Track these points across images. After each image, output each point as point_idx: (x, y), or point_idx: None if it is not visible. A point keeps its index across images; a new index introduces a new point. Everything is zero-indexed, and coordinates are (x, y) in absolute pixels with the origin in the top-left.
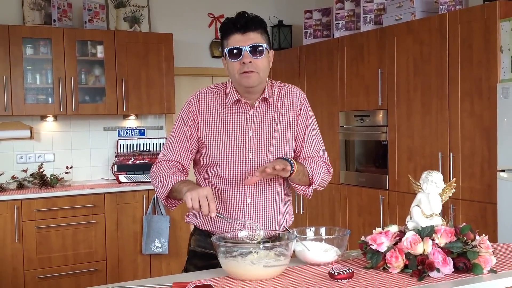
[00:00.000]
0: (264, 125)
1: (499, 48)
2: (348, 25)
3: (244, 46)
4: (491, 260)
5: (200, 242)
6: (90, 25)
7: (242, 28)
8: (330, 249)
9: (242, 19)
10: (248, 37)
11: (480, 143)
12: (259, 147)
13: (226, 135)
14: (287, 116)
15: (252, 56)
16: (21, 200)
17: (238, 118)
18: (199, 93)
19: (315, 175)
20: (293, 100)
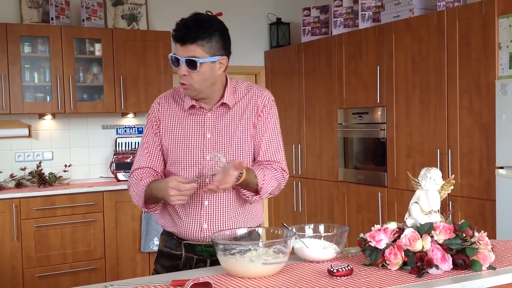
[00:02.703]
0: (222, 127)
1: (498, 45)
2: (346, 22)
3: (182, 58)
4: (490, 256)
5: (166, 242)
6: (88, 23)
7: (180, 40)
8: (329, 246)
9: (181, 30)
10: (187, 48)
11: (478, 140)
12: (217, 148)
13: (184, 138)
14: (249, 118)
15: (188, 69)
16: (19, 198)
17: (196, 121)
18: (160, 97)
19: (263, 189)
20: (258, 102)
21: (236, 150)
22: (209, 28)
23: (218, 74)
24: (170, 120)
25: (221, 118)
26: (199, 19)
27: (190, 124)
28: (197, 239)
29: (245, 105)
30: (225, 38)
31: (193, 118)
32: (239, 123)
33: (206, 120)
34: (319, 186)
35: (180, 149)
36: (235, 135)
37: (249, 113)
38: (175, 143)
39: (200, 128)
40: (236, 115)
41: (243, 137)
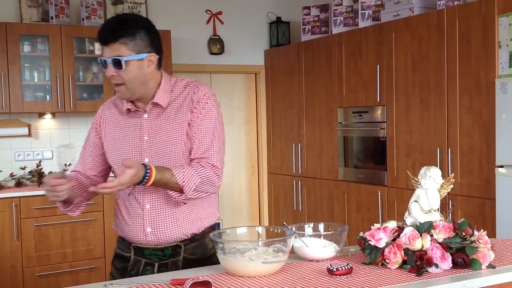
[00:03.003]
0: (158, 128)
1: (497, 43)
2: (346, 21)
3: (108, 58)
4: (490, 255)
5: (119, 244)
6: (88, 22)
7: (104, 41)
8: (329, 245)
9: (104, 32)
10: (111, 48)
11: (478, 139)
12: (156, 151)
13: (123, 141)
14: (184, 116)
15: (115, 69)
16: (19, 197)
17: (134, 123)
18: (104, 104)
19: (185, 186)
20: (193, 98)
21: (174, 151)
22: (132, 26)
23: (149, 72)
24: (110, 125)
25: (156, 119)
26: (122, 19)
27: (128, 127)
28: (142, 242)
29: (181, 103)
30: (151, 35)
31: (131, 121)
32: (174, 122)
33: (142, 122)
34: (319, 185)
35: (120, 153)
36: (171, 135)
37: (184, 111)
38: (115, 147)
39: (138, 131)
40: (171, 114)
41: (179, 137)
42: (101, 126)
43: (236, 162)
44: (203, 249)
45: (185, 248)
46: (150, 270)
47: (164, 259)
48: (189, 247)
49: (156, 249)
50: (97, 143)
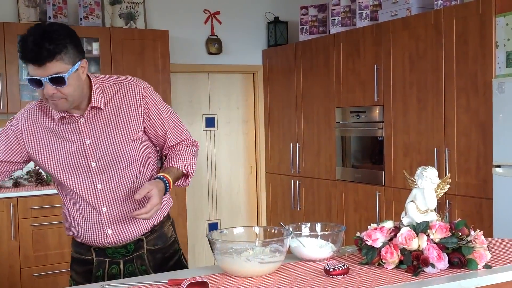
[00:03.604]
0: (101, 130)
1: (495, 43)
2: (344, 21)
3: (44, 77)
4: (486, 255)
5: (76, 247)
6: (86, 22)
7: (35, 61)
8: (326, 245)
9: (33, 51)
10: (46, 67)
11: (475, 139)
12: (101, 153)
13: (62, 149)
14: (130, 113)
15: (55, 86)
16: (17, 197)
17: (70, 129)
18: (26, 111)
19: (189, 170)
20: (134, 96)
21: (121, 150)
22: (60, 38)
23: (83, 78)
24: (40, 134)
25: (96, 121)
26: (46, 32)
27: (65, 134)
28: (104, 244)
29: (120, 103)
30: (76, 42)
31: (67, 128)
32: (118, 122)
33: (81, 127)
34: (317, 185)
35: (62, 161)
36: (116, 134)
37: (127, 108)
38: (53, 156)
39: (77, 136)
40: (112, 114)
41: (126, 135)
42: (26, 134)
43: (234, 162)
44: (164, 238)
45: (147, 240)
46: (115, 269)
47: (127, 254)
48: (150, 239)
49: (119, 246)
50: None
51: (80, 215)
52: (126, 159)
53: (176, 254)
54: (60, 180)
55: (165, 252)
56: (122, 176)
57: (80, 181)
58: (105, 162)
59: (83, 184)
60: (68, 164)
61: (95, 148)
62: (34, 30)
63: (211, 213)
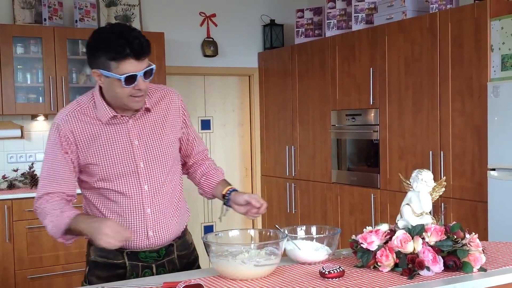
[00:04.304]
0: (149, 132)
1: (490, 47)
2: (340, 24)
3: (139, 72)
4: (481, 258)
5: (100, 252)
6: (81, 24)
7: (137, 54)
8: (321, 248)
9: (137, 45)
10: (142, 62)
11: (470, 142)
12: (148, 154)
13: (112, 150)
14: (171, 119)
15: (145, 80)
16: (11, 200)
17: (119, 130)
18: (66, 114)
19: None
20: (176, 103)
21: (164, 154)
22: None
23: None
24: (86, 136)
25: (144, 123)
26: (133, 28)
27: (114, 136)
28: (142, 247)
29: (165, 108)
30: None
31: (116, 128)
32: (165, 126)
33: (130, 128)
34: (312, 188)
35: (108, 162)
36: (162, 138)
37: (173, 114)
38: (101, 157)
39: (126, 137)
40: (158, 118)
41: (170, 139)
42: (74, 137)
43: (230, 164)
44: (186, 244)
45: (176, 245)
46: (148, 273)
47: (159, 259)
48: (178, 244)
49: (152, 251)
50: (72, 157)
51: (120, 217)
52: (170, 162)
53: (196, 260)
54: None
55: (189, 258)
56: (165, 178)
57: (128, 182)
58: (152, 163)
59: (131, 185)
60: (117, 165)
61: (143, 149)
62: (119, 27)
63: (206, 216)
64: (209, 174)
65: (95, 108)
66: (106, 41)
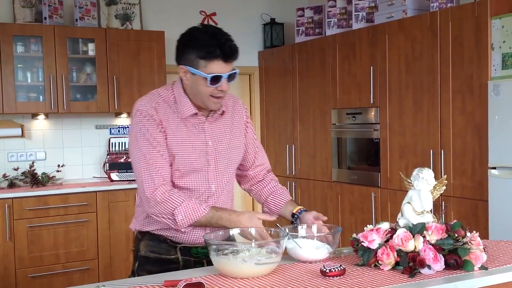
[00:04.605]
0: (221, 134)
1: (490, 45)
2: (340, 23)
3: (224, 74)
4: (482, 256)
5: (153, 247)
6: (81, 22)
7: (226, 57)
8: (322, 246)
9: (231, 48)
10: (229, 65)
11: (471, 141)
12: (219, 155)
13: (189, 146)
14: (239, 126)
15: (228, 83)
16: (12, 198)
17: (196, 128)
18: (152, 103)
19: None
20: (238, 109)
21: (233, 157)
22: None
23: None
24: (170, 127)
25: (217, 125)
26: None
27: (192, 132)
28: (197, 242)
29: (234, 114)
30: None
31: (194, 126)
32: (233, 131)
33: (205, 128)
34: (313, 187)
35: (185, 157)
36: (231, 141)
37: (238, 121)
38: (179, 151)
39: (202, 136)
40: (228, 122)
41: (237, 144)
42: (162, 124)
43: None
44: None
45: None
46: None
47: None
48: None
49: (204, 247)
50: (165, 147)
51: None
52: (234, 166)
53: None
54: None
55: None
56: (229, 180)
57: (198, 179)
58: (221, 165)
59: (200, 183)
60: (192, 161)
61: (215, 149)
62: (213, 29)
63: None
64: (276, 193)
65: (175, 103)
66: (198, 40)
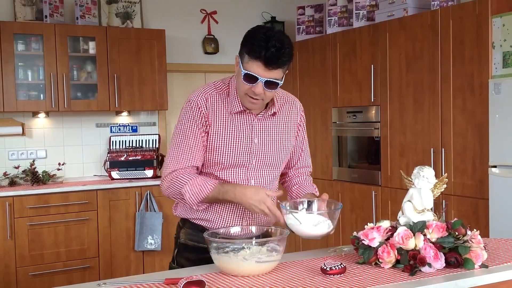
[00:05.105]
0: (269, 134)
1: (491, 44)
2: (341, 21)
3: (262, 78)
4: (483, 255)
5: (192, 236)
6: (82, 21)
7: (269, 64)
8: (323, 221)
9: (273, 55)
10: (270, 71)
11: (472, 139)
12: (263, 154)
13: (233, 141)
14: (289, 126)
15: (266, 89)
16: (13, 197)
17: (244, 125)
18: (204, 94)
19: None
20: (294, 111)
21: (276, 157)
22: (291, 51)
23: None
24: (216, 119)
25: (267, 124)
26: (284, 41)
27: (239, 128)
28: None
29: (288, 114)
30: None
31: (242, 122)
32: (284, 131)
33: (254, 126)
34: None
35: (227, 151)
36: (280, 142)
37: (292, 122)
38: (222, 145)
39: (248, 133)
40: (280, 122)
41: (286, 145)
42: (209, 116)
43: None
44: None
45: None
46: None
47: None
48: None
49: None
50: (202, 135)
51: (222, 203)
52: (278, 163)
53: None
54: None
55: None
56: (272, 177)
57: (238, 173)
58: (263, 162)
59: (240, 177)
60: (233, 156)
61: (260, 148)
62: (272, 32)
63: None
64: (303, 185)
65: (228, 96)
66: (253, 37)
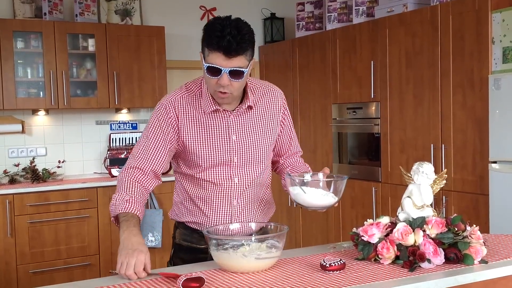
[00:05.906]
0: (247, 129)
1: (491, 39)
2: (341, 17)
3: (225, 68)
4: (482, 250)
5: (185, 236)
6: (81, 18)
7: (227, 53)
8: (327, 194)
9: (229, 42)
10: (233, 59)
11: (472, 135)
12: (243, 150)
13: (209, 141)
14: (270, 117)
15: (231, 79)
16: (13, 194)
17: (220, 123)
18: (174, 98)
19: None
20: (275, 101)
21: (259, 150)
22: (252, 36)
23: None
24: (189, 122)
25: (244, 119)
26: (241, 27)
27: (214, 127)
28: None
29: (268, 105)
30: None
31: (217, 121)
32: (264, 123)
33: (230, 122)
34: None
35: (204, 152)
36: (260, 135)
37: (274, 113)
38: (198, 146)
39: (224, 131)
40: (258, 115)
41: (267, 137)
42: (179, 120)
43: None
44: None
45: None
46: None
47: None
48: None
49: None
50: (172, 138)
51: (207, 204)
52: (262, 158)
53: None
54: (196, 171)
55: None
56: (256, 174)
57: (219, 172)
58: (246, 159)
59: (222, 176)
60: (212, 156)
61: (239, 144)
62: (228, 21)
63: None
64: (295, 165)
65: (200, 97)
66: (210, 29)
